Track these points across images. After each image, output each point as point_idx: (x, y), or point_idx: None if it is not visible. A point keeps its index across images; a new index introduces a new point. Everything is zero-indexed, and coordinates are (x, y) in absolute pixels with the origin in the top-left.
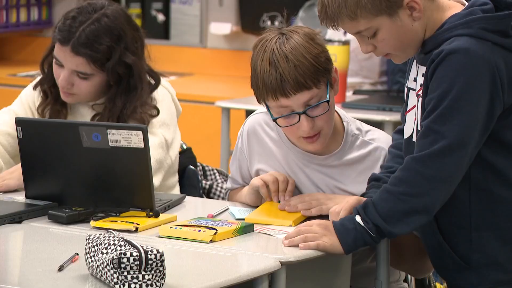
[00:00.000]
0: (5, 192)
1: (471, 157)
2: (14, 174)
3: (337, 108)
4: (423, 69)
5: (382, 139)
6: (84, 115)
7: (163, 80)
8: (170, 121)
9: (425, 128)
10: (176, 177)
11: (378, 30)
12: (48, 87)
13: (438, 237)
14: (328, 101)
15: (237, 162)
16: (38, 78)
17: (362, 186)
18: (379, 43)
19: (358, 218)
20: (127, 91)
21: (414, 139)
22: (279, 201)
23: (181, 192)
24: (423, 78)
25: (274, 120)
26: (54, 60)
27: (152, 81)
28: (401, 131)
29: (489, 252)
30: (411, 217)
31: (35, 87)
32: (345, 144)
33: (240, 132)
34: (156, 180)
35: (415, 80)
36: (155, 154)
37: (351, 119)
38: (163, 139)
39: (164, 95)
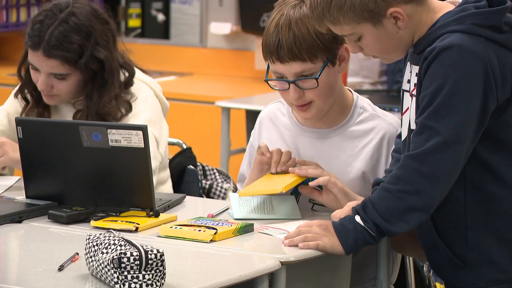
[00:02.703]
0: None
1: (467, 153)
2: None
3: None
4: (416, 69)
5: (390, 118)
6: (67, 113)
7: (146, 77)
8: (156, 118)
9: (420, 125)
10: (167, 172)
11: (362, 36)
12: (29, 91)
13: (434, 236)
14: (317, 79)
15: (248, 157)
16: (18, 86)
17: (368, 161)
18: (364, 47)
19: (357, 218)
20: (102, 86)
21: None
22: (277, 173)
23: (181, 191)
24: (417, 77)
25: (266, 81)
26: (30, 65)
27: (126, 73)
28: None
29: (485, 251)
30: (410, 215)
31: (15, 95)
32: (353, 116)
33: (254, 128)
34: (154, 179)
35: (408, 81)
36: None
37: (365, 99)
38: (153, 137)
39: (146, 92)
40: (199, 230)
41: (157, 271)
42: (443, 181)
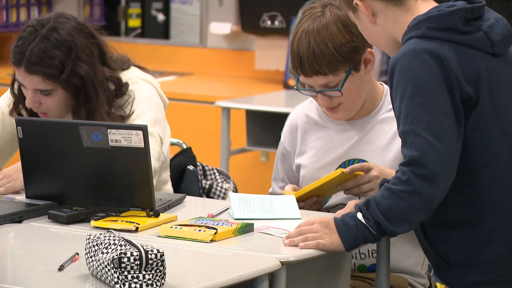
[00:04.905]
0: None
1: (457, 148)
2: (20, 174)
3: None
4: None
5: None
6: None
7: (147, 75)
8: (160, 117)
9: (401, 135)
10: (168, 172)
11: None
12: (24, 107)
13: (421, 236)
14: (339, 90)
15: (281, 157)
16: (12, 103)
17: (397, 143)
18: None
19: (359, 215)
20: (88, 101)
21: None
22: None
23: (181, 191)
24: None
25: (296, 89)
26: (20, 82)
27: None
28: None
29: (466, 252)
30: (411, 215)
31: (11, 113)
32: (384, 104)
33: (282, 132)
34: (156, 178)
35: None
36: (154, 154)
37: None
38: (158, 137)
39: (150, 91)
40: (199, 230)
41: (157, 271)
42: (441, 179)
